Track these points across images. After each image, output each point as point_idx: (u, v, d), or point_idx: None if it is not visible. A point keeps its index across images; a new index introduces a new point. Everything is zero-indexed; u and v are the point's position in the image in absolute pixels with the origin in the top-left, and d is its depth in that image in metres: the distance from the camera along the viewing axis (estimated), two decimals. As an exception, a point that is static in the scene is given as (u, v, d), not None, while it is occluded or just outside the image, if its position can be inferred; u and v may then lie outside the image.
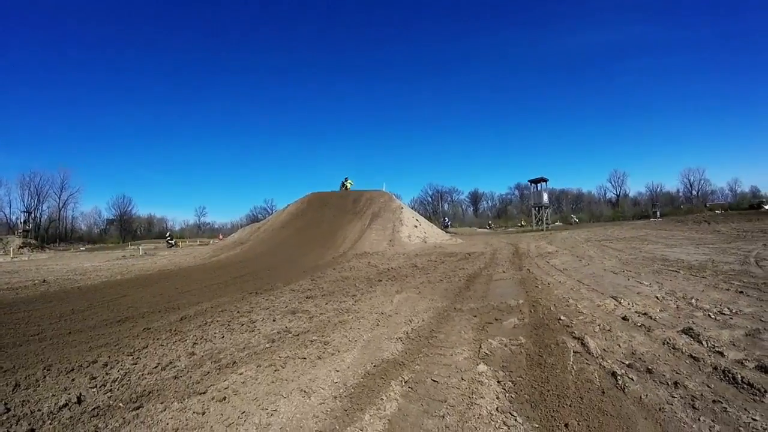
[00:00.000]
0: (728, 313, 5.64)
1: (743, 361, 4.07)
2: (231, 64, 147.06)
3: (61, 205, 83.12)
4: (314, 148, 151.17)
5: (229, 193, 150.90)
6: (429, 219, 38.53)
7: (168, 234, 59.15)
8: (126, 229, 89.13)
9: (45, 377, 4.76)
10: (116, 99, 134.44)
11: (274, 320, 7.04)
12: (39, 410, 3.88)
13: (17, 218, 75.48)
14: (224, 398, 3.99)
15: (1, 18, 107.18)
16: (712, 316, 5.55)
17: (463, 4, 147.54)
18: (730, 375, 3.76)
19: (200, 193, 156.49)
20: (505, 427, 3.15)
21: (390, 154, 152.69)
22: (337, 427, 3.36)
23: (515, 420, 3.23)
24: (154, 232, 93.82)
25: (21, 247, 46.40)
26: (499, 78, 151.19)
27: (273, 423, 3.49)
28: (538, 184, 52.69)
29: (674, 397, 3.47)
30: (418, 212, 36.74)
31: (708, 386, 3.62)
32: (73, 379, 4.66)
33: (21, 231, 64.90)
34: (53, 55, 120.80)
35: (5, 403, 4.03)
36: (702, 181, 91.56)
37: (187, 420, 3.61)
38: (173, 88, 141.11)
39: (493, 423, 3.23)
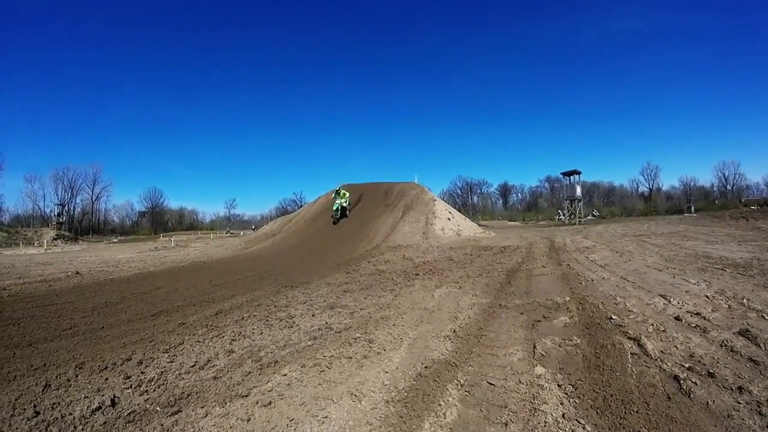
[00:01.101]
0: (783, 314, 5.48)
1: (804, 365, 3.96)
2: (261, 57, 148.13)
3: (94, 198, 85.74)
4: (343, 141, 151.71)
5: (258, 186, 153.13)
6: (459, 211, 38.05)
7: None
8: (157, 221, 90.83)
9: (77, 376, 4.59)
10: (147, 95, 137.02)
11: (313, 315, 6.99)
12: (70, 414, 3.69)
13: (51, 211, 77.83)
14: (269, 403, 3.81)
15: (33, 17, 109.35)
16: (766, 318, 5.41)
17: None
18: (793, 380, 3.68)
19: (230, 185, 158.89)
20: (575, 436, 3.10)
21: (419, 146, 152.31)
22: None
23: (584, 428, 3.19)
24: (185, 223, 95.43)
25: (55, 239, 47.66)
26: (529, 70, 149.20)
27: (324, 432, 3.38)
28: (571, 177, 52.03)
29: (740, 403, 3.42)
30: (448, 204, 36.31)
31: None
32: (107, 379, 4.49)
33: (55, 223, 66.58)
34: (83, 53, 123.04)
35: (34, 406, 3.85)
36: (737, 176, 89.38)
37: (230, 428, 3.45)
38: (203, 83, 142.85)
39: (561, 431, 3.18)
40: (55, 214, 73.54)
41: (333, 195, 26.91)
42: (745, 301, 6.18)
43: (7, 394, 4.12)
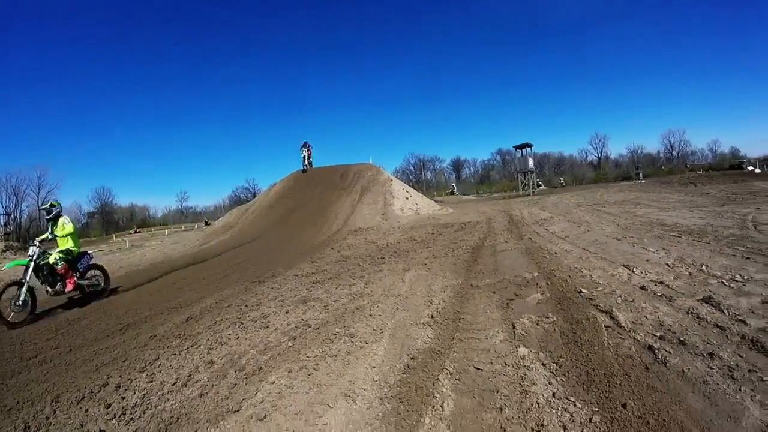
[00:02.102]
0: (740, 280, 5.78)
1: (766, 329, 4.22)
2: (203, 41, 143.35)
3: (40, 203, 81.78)
4: (292, 124, 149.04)
5: (210, 176, 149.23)
6: (413, 188, 38.16)
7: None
8: (108, 221, 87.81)
9: (55, 412, 4.30)
10: (86, 89, 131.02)
11: (287, 312, 6.84)
12: None
13: None
14: (264, 416, 3.69)
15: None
16: (726, 284, 5.69)
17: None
18: (758, 344, 3.91)
19: (181, 177, 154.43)
20: (568, 414, 3.22)
21: (372, 126, 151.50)
22: None
23: (575, 405, 3.31)
24: (137, 221, 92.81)
25: (4, 251, 45.51)
26: (478, 45, 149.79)
27: (327, 441, 3.33)
28: (524, 150, 52.94)
29: (712, 368, 3.61)
30: (402, 182, 36.36)
31: (740, 356, 3.77)
32: (87, 411, 4.24)
33: (2, 234, 63.67)
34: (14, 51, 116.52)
35: None
36: (682, 143, 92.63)
37: None
38: (143, 74, 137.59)
39: (554, 411, 3.29)
40: (2, 224, 70.30)
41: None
42: (704, 268, 6.47)
43: (-16, 444, 3.82)
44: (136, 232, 53.48)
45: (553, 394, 3.50)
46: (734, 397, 3.19)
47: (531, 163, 52.60)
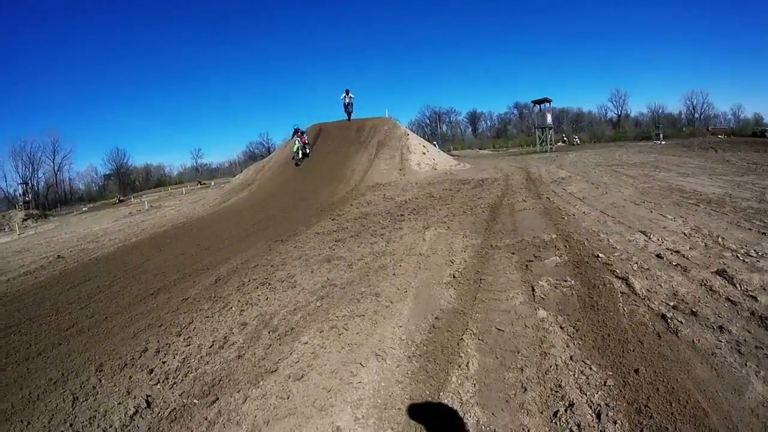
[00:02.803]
0: (755, 255, 5.86)
1: (775, 307, 4.37)
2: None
3: (56, 169, 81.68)
4: (306, 75, 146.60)
5: (223, 132, 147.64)
6: (428, 141, 37.74)
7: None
8: (124, 183, 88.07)
9: (101, 381, 4.44)
10: (94, 48, 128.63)
11: (312, 272, 7.07)
12: (111, 426, 3.63)
13: (15, 190, 74.42)
14: (302, 376, 3.87)
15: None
16: (740, 258, 5.78)
17: None
18: (767, 321, 4.07)
19: (194, 134, 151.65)
20: (584, 377, 3.48)
21: (387, 77, 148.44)
22: (428, 392, 3.53)
23: (590, 369, 3.57)
24: (153, 180, 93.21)
25: (24, 220, 45.95)
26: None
27: (363, 398, 3.51)
28: (542, 105, 52.02)
29: (721, 341, 3.80)
30: (417, 135, 35.89)
31: (748, 331, 3.93)
32: (131, 377, 4.42)
33: (21, 203, 64.21)
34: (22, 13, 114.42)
35: (71, 425, 3.72)
36: (705, 105, 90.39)
37: (274, 408, 3.51)
38: (151, 30, 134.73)
39: (571, 373, 3.55)
40: (20, 193, 70.50)
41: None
42: (720, 240, 6.56)
43: (38, 419, 3.97)
44: (119, 200, 53.35)
45: (571, 357, 3.76)
46: (740, 371, 3.38)
47: (549, 118, 51.78)
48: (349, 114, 29.50)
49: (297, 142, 25.91)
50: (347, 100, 29.15)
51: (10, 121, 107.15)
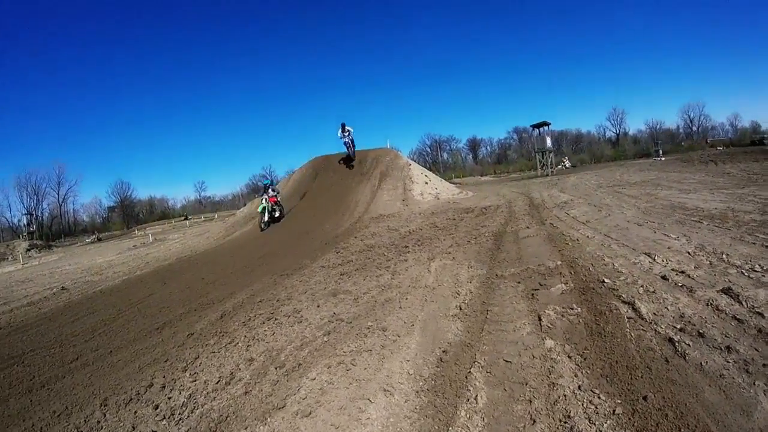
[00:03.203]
0: (759, 270, 5.86)
1: (782, 323, 4.36)
2: (218, 26, 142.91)
3: (60, 200, 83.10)
4: (308, 109, 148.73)
5: (226, 164, 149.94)
6: (429, 170, 37.82)
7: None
8: (128, 215, 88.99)
9: (105, 415, 4.47)
10: (100, 84, 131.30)
11: (318, 306, 7.05)
12: None
13: (19, 220, 75.51)
14: (309, 413, 3.86)
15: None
16: (745, 274, 5.79)
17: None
18: (774, 338, 4.07)
19: (198, 167, 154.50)
20: (593, 406, 3.47)
21: (388, 107, 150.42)
22: (436, 427, 3.51)
23: (599, 398, 3.55)
24: (156, 213, 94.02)
25: (28, 250, 46.42)
26: (491, 18, 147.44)
27: (372, 434, 3.53)
28: (541, 129, 52.55)
29: (729, 362, 3.79)
30: (418, 163, 36.04)
31: (756, 350, 3.92)
32: (136, 412, 4.44)
33: (26, 233, 64.88)
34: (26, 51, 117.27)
35: None
36: (702, 117, 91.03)
37: None
38: (156, 67, 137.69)
39: (580, 403, 3.54)
40: (24, 223, 71.33)
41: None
42: (724, 256, 6.57)
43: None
44: (98, 239, 53.87)
45: (579, 387, 3.75)
46: (748, 391, 3.38)
47: (549, 142, 52.18)
48: (350, 153, 27.08)
49: (264, 201, 21.02)
50: (345, 139, 26.47)
51: (16, 151, 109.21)
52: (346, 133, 26.48)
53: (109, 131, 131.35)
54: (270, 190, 21.83)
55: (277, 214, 21.50)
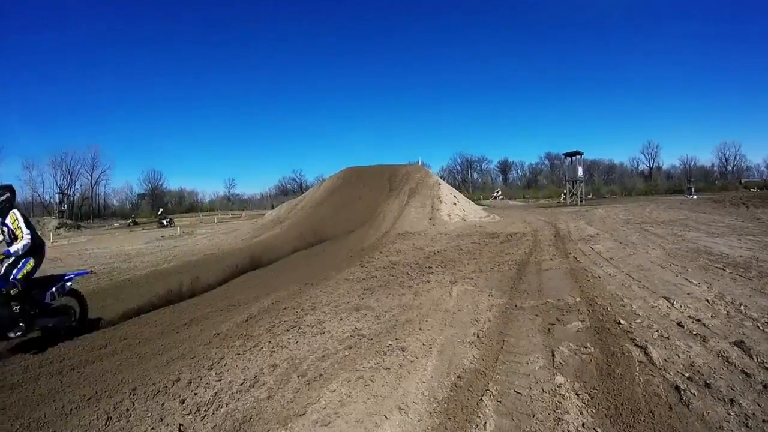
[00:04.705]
0: (776, 324, 5.97)
1: (790, 381, 4.47)
2: (258, 33, 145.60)
3: (93, 182, 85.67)
4: (340, 118, 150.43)
5: (257, 164, 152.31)
6: (459, 189, 37.86)
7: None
8: (157, 204, 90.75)
9: (134, 404, 4.63)
10: (142, 73, 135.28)
11: (341, 319, 7.25)
12: None
13: (51, 198, 78.14)
14: (328, 423, 4.00)
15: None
16: (760, 327, 5.88)
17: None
18: (779, 394, 4.19)
19: (229, 164, 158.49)
20: (595, 445, 3.68)
21: (420, 123, 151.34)
22: None
23: (600, 437, 3.77)
24: (185, 205, 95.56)
25: (57, 228, 47.60)
26: (530, 44, 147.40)
27: (384, 448, 3.69)
28: (573, 158, 52.34)
29: (730, 414, 3.92)
30: (448, 182, 36.14)
31: (758, 405, 4.03)
32: (163, 404, 4.59)
33: (57, 211, 66.56)
34: (73, 33, 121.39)
35: None
36: (737, 157, 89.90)
37: None
38: (200, 61, 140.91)
39: (583, 440, 3.75)
40: (57, 201, 73.39)
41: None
42: (742, 307, 6.65)
43: (71, 432, 4.26)
44: (134, 222, 54.92)
45: (583, 424, 3.93)
46: (745, 445, 3.53)
47: (580, 171, 51.96)
48: None
49: None
50: None
51: (54, 131, 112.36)
52: None
53: (147, 120, 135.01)
54: None
55: None
